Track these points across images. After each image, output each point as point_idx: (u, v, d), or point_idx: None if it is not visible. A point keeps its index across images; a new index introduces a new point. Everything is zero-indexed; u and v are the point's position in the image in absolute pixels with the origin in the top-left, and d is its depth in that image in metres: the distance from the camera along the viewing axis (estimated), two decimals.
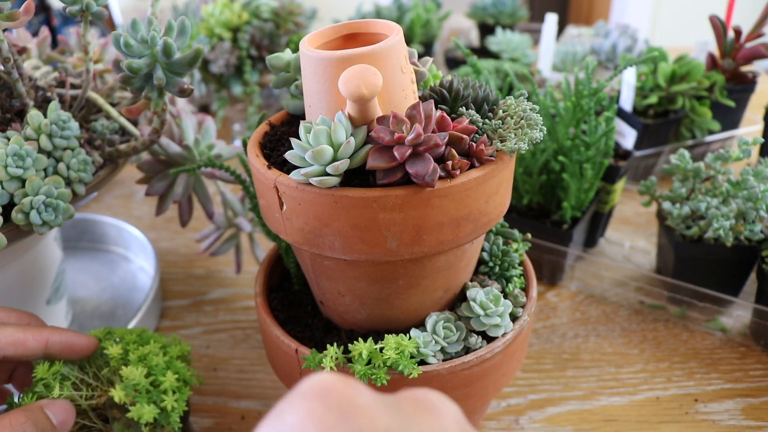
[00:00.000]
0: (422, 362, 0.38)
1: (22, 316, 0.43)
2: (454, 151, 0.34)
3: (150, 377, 0.41)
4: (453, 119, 0.36)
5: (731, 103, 0.87)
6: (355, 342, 0.38)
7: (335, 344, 0.38)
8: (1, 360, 0.39)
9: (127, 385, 0.40)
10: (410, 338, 0.38)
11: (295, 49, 0.41)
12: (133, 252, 0.77)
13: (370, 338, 0.38)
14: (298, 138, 0.35)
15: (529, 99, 0.45)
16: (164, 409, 0.40)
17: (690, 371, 0.58)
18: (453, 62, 1.26)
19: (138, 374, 0.40)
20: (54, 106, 0.46)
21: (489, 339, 0.41)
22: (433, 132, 0.34)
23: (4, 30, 0.44)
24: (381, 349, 0.37)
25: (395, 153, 0.32)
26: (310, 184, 0.34)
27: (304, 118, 0.42)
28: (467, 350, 0.40)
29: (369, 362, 0.37)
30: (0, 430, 0.35)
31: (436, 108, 0.37)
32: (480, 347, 0.40)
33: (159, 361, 0.42)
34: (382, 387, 0.37)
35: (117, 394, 0.39)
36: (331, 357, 0.37)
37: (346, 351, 0.39)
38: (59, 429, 0.38)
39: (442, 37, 1.44)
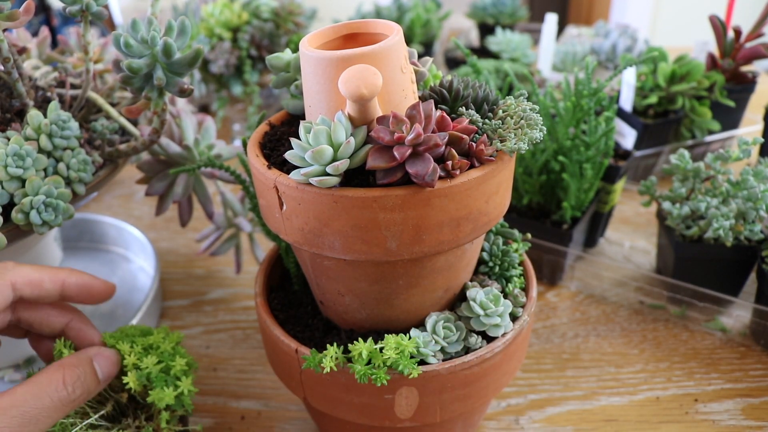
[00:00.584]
0: (422, 362, 0.38)
1: (56, 276, 0.42)
2: (454, 151, 0.34)
3: (160, 364, 0.42)
4: (453, 119, 0.36)
5: (731, 103, 0.87)
6: (355, 342, 0.38)
7: (335, 344, 0.38)
8: (17, 301, 0.39)
9: (140, 374, 0.40)
10: (410, 338, 0.38)
11: (295, 49, 0.41)
12: (133, 252, 0.77)
13: (370, 338, 0.38)
14: (298, 138, 0.35)
15: (529, 99, 0.45)
16: (177, 394, 0.42)
17: (690, 371, 0.58)
18: (453, 62, 1.26)
19: (150, 362, 0.41)
20: (54, 106, 0.46)
21: (489, 339, 0.41)
22: (433, 132, 0.34)
23: (4, 30, 0.44)
24: (381, 349, 0.37)
25: (395, 153, 0.32)
26: (310, 184, 0.34)
27: (304, 118, 0.42)
28: (467, 350, 0.40)
29: (369, 362, 0.37)
30: (54, 385, 0.35)
31: (436, 108, 0.37)
32: (480, 347, 0.40)
33: (166, 347, 0.43)
34: (382, 387, 0.37)
35: (131, 379, 0.40)
36: (331, 357, 0.37)
37: (346, 351, 0.39)
38: (102, 382, 0.38)
39: (442, 37, 1.44)
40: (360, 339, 0.38)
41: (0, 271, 0.38)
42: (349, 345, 0.38)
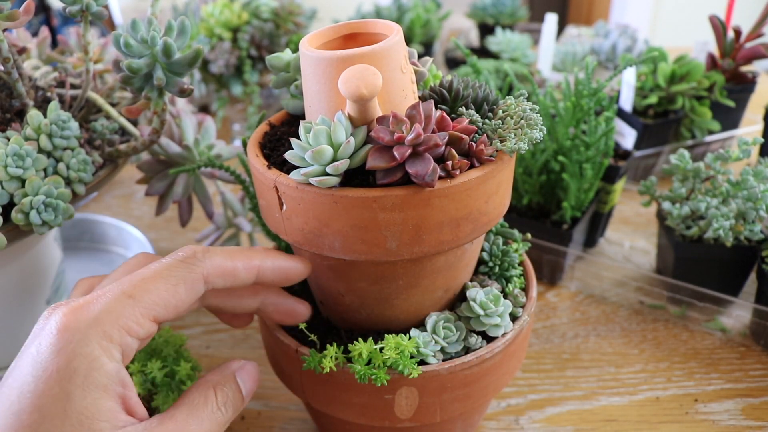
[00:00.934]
0: (422, 362, 0.38)
1: (251, 265, 0.37)
2: (454, 151, 0.34)
3: (164, 368, 0.42)
4: (453, 119, 0.36)
5: (731, 103, 0.87)
6: (355, 342, 0.38)
7: (335, 344, 0.38)
8: (209, 290, 0.35)
9: (145, 379, 0.40)
10: (410, 338, 0.38)
11: (295, 49, 0.41)
12: (133, 252, 0.77)
13: (370, 338, 0.38)
14: (298, 138, 0.35)
15: (529, 99, 0.45)
16: None
17: (690, 371, 0.58)
18: (453, 62, 1.26)
19: (154, 367, 0.41)
20: (54, 106, 0.46)
21: (489, 339, 0.41)
22: (433, 132, 0.34)
23: (4, 30, 0.44)
24: (381, 350, 0.37)
25: (395, 153, 0.32)
26: (310, 184, 0.34)
27: (304, 118, 0.42)
28: (467, 350, 0.40)
29: (369, 362, 0.37)
30: (210, 406, 0.33)
31: (436, 108, 0.37)
32: (480, 347, 0.40)
33: (170, 351, 0.43)
34: (382, 387, 0.37)
35: (135, 385, 0.40)
36: (331, 357, 0.37)
37: (346, 351, 0.39)
38: (245, 399, 0.35)
39: (442, 37, 1.44)
40: (360, 339, 0.38)
41: (188, 262, 0.33)
42: (349, 345, 0.38)
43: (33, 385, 0.28)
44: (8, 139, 0.43)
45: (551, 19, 1.02)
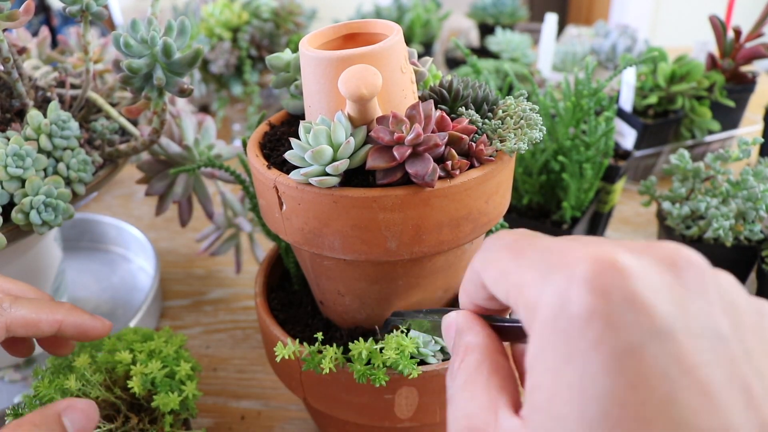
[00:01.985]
0: (422, 362, 0.38)
1: (30, 292, 0.40)
2: (453, 151, 0.34)
3: (165, 369, 0.41)
4: (453, 119, 0.36)
5: (731, 103, 0.87)
6: (355, 342, 0.38)
7: (334, 344, 0.38)
8: (9, 338, 0.37)
9: (145, 379, 0.40)
10: (410, 338, 0.38)
11: (295, 49, 0.41)
12: (133, 252, 0.77)
13: (371, 338, 0.38)
14: (298, 138, 0.35)
15: (529, 99, 0.45)
16: (182, 398, 0.42)
17: None
18: (453, 62, 1.27)
19: (155, 367, 0.40)
20: (54, 106, 0.46)
21: None
22: (433, 132, 0.34)
23: (4, 30, 0.44)
24: (381, 350, 0.37)
25: (395, 153, 0.32)
26: (309, 184, 0.34)
27: (303, 118, 0.42)
28: None
29: (368, 362, 0.37)
30: None
31: (436, 108, 0.37)
32: None
33: (169, 351, 0.43)
34: (381, 387, 0.37)
35: (135, 384, 0.40)
36: (330, 358, 0.37)
37: (346, 351, 0.39)
38: None
39: (442, 37, 1.44)
40: (360, 339, 0.38)
41: None
42: (349, 344, 0.38)
43: None
44: (8, 139, 0.43)
45: (551, 19, 1.02)
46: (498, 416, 0.22)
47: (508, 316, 0.27)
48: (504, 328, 0.26)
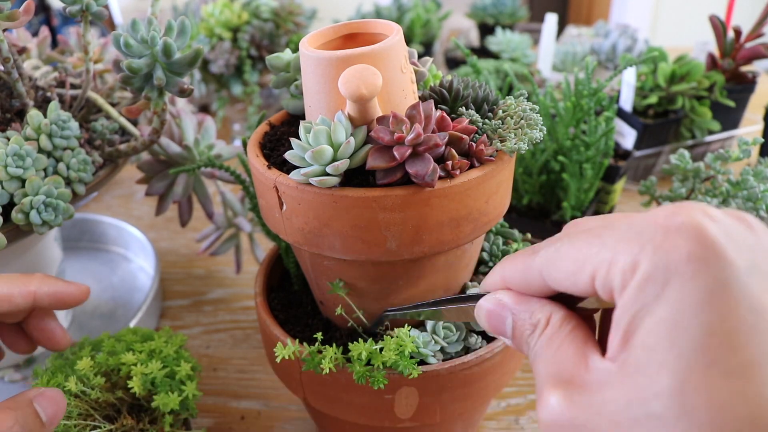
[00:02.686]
0: (422, 362, 0.38)
1: (27, 291, 0.39)
2: (453, 151, 0.34)
3: (165, 369, 0.41)
4: (453, 119, 0.36)
5: (731, 103, 0.87)
6: (354, 342, 0.38)
7: (334, 345, 0.38)
8: (5, 332, 0.37)
9: (145, 379, 0.40)
10: (410, 338, 0.38)
11: (295, 49, 0.41)
12: (133, 252, 0.77)
13: (370, 338, 0.38)
14: (298, 138, 0.35)
15: (529, 99, 0.45)
16: (182, 398, 0.42)
17: None
18: (453, 62, 1.26)
19: (155, 367, 0.40)
20: (54, 106, 0.46)
21: (489, 339, 0.41)
22: (433, 132, 0.34)
23: (4, 30, 0.44)
24: (380, 350, 0.37)
25: (395, 153, 0.32)
26: (310, 184, 0.34)
27: (304, 118, 0.42)
28: (467, 350, 0.40)
29: (368, 363, 0.37)
30: None
31: (436, 108, 0.37)
32: (480, 347, 0.40)
33: (169, 351, 0.43)
34: (379, 390, 0.37)
35: (135, 384, 0.40)
36: (330, 358, 0.37)
37: (346, 351, 0.39)
38: (48, 425, 0.35)
39: (442, 37, 1.44)
40: (360, 339, 0.38)
41: None
42: (349, 344, 0.38)
43: None
44: (8, 139, 0.43)
45: (551, 19, 1.02)
46: (588, 361, 0.23)
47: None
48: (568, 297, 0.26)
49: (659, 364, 0.20)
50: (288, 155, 0.35)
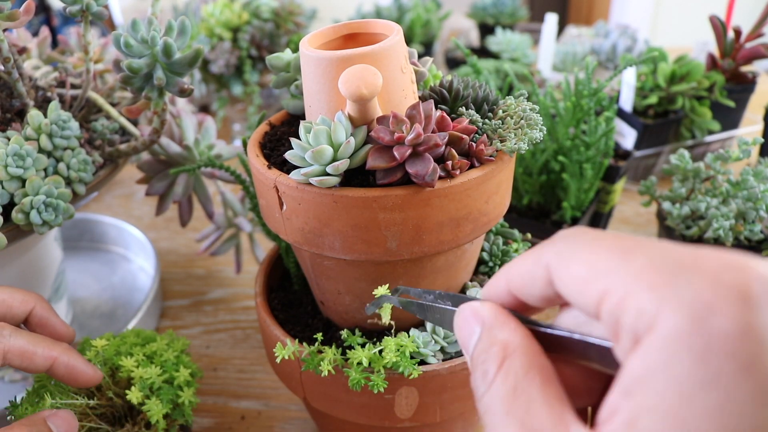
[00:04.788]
0: (422, 362, 0.38)
1: (27, 300, 0.41)
2: (454, 151, 0.34)
3: (163, 374, 0.41)
4: (453, 119, 0.36)
5: (731, 103, 0.87)
6: (353, 349, 0.38)
7: (334, 345, 0.38)
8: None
9: (143, 385, 0.40)
10: (410, 338, 0.38)
11: (295, 49, 0.41)
12: (133, 252, 0.77)
13: (368, 344, 0.38)
14: (298, 138, 0.35)
15: (529, 99, 0.45)
16: (178, 404, 0.41)
17: None
18: (453, 62, 1.27)
19: (153, 373, 0.40)
20: (54, 106, 0.46)
21: None
22: (433, 132, 0.34)
23: (5, 30, 0.44)
24: (380, 352, 0.37)
25: (395, 153, 0.32)
26: (310, 184, 0.34)
27: (304, 118, 0.42)
28: None
29: (369, 365, 0.37)
30: None
31: (436, 108, 0.37)
32: None
33: (169, 356, 0.43)
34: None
35: (134, 395, 0.40)
36: (329, 360, 0.37)
37: (346, 350, 0.39)
38: None
39: (442, 37, 1.44)
40: (358, 345, 0.38)
41: None
42: (348, 352, 0.38)
43: None
44: (8, 139, 0.43)
45: (551, 19, 1.02)
46: None
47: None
48: (566, 341, 0.21)
49: None
50: (288, 155, 0.35)
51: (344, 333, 0.39)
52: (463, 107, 0.39)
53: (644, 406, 0.16)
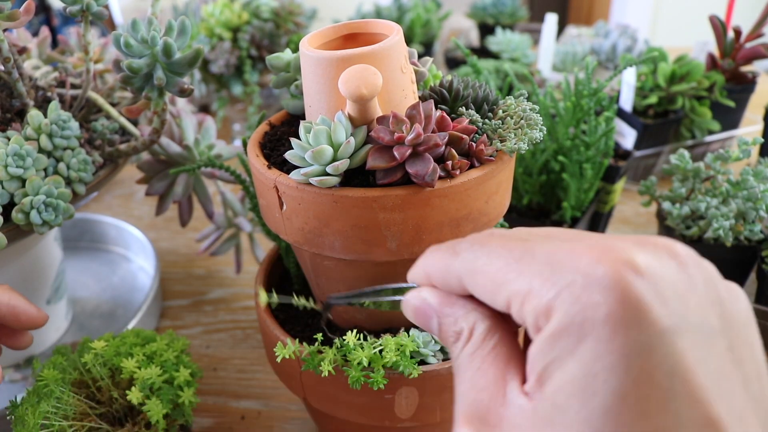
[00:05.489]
0: (422, 362, 0.38)
1: None
2: (454, 151, 0.34)
3: (163, 374, 0.41)
4: (453, 119, 0.36)
5: (731, 103, 0.87)
6: (353, 351, 0.38)
7: (334, 346, 0.38)
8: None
9: (143, 385, 0.40)
10: (410, 337, 0.38)
11: (295, 49, 0.41)
12: (133, 252, 0.77)
13: (369, 344, 0.38)
14: (298, 138, 0.35)
15: (529, 99, 0.45)
16: (178, 404, 0.41)
17: None
18: (453, 62, 1.27)
19: (153, 373, 0.40)
20: (54, 106, 0.46)
21: None
22: (433, 132, 0.34)
23: (5, 30, 0.44)
24: (380, 352, 0.37)
25: (395, 153, 0.32)
26: (310, 184, 0.34)
27: (304, 118, 0.42)
28: None
29: (369, 364, 0.37)
30: None
31: (436, 108, 0.37)
32: None
33: (169, 356, 0.43)
34: (379, 389, 0.37)
35: (134, 395, 0.40)
36: (329, 360, 0.37)
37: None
38: None
39: (442, 37, 1.44)
40: (358, 347, 0.38)
41: None
42: (348, 354, 0.38)
43: None
44: (8, 139, 0.43)
45: (551, 19, 1.02)
46: (507, 391, 0.21)
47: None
48: None
49: (567, 425, 0.19)
50: (288, 155, 0.35)
51: (340, 339, 0.39)
52: (463, 107, 0.39)
53: (542, 371, 0.20)
